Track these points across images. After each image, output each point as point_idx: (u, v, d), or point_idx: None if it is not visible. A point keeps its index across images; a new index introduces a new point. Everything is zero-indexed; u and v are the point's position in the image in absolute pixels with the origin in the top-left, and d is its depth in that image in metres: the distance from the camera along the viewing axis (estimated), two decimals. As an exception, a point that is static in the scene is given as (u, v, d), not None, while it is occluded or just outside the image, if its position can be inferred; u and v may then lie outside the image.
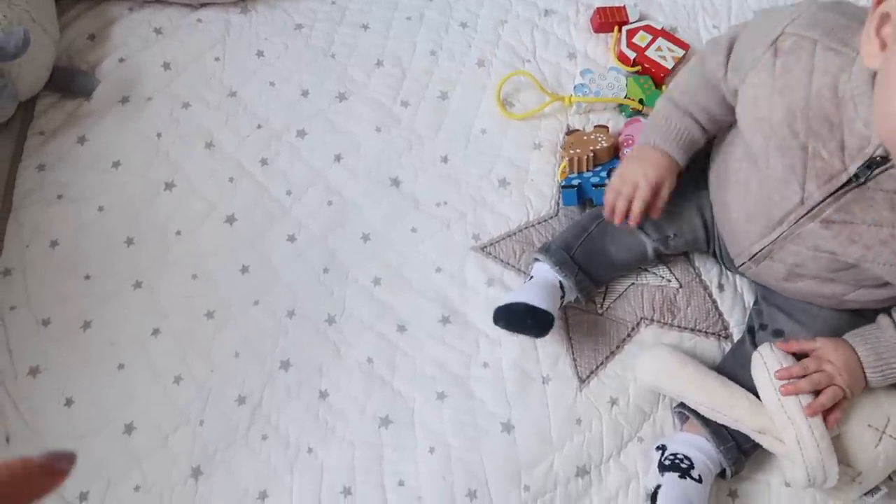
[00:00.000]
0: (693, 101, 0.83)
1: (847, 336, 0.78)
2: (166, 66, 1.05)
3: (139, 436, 0.85)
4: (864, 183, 0.64)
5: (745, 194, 0.77)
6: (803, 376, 0.76)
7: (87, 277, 0.92)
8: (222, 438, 0.86)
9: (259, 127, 1.02)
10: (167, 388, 0.88)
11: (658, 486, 0.81)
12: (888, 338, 0.75)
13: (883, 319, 0.77)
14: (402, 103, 1.05)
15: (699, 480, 0.80)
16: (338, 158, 1.01)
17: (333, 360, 0.90)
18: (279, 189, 0.99)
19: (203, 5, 1.09)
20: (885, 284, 0.73)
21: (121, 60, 1.04)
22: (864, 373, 0.76)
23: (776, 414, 0.77)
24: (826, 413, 0.76)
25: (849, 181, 0.65)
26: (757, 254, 0.78)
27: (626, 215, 0.84)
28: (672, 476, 0.81)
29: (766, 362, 0.79)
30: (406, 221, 0.98)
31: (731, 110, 0.79)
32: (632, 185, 0.83)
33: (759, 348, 0.81)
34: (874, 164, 0.63)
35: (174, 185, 0.98)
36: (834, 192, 0.66)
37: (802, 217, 0.70)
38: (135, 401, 0.87)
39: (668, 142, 0.84)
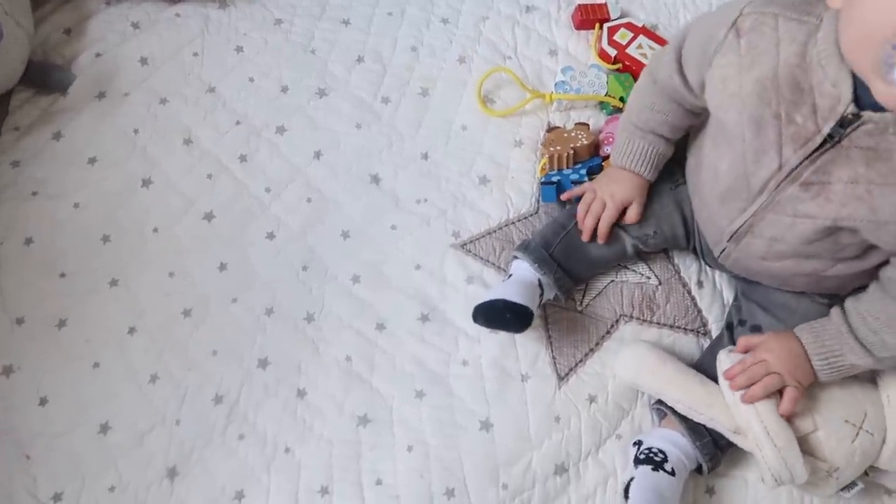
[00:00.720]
0: (651, 118, 0.85)
1: (796, 328, 0.79)
2: (144, 61, 1.03)
3: (115, 435, 0.84)
4: (839, 142, 0.66)
5: (717, 176, 0.78)
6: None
7: (63, 275, 0.91)
8: (199, 437, 0.85)
9: (238, 123, 1.01)
10: (143, 387, 0.87)
11: (631, 479, 0.82)
12: (834, 326, 0.77)
13: (834, 310, 0.78)
14: (382, 99, 1.05)
15: (672, 473, 0.81)
16: (317, 155, 1.00)
17: (312, 358, 0.90)
18: (258, 186, 0.98)
19: (181, 0, 1.08)
20: (861, 255, 0.74)
21: (97, 55, 1.03)
22: (811, 362, 0.77)
23: (736, 415, 0.78)
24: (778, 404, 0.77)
25: (824, 142, 0.66)
26: (738, 230, 0.79)
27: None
28: (645, 469, 0.82)
29: (721, 366, 0.79)
30: (386, 218, 0.98)
31: (691, 115, 0.83)
32: (601, 203, 0.89)
33: (719, 353, 0.82)
34: (846, 123, 0.65)
35: (151, 181, 0.97)
36: (810, 155, 0.68)
37: (782, 182, 0.71)
38: (110, 400, 0.86)
39: (635, 162, 0.88)
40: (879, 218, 0.66)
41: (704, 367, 0.86)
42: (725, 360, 0.81)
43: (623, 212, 0.90)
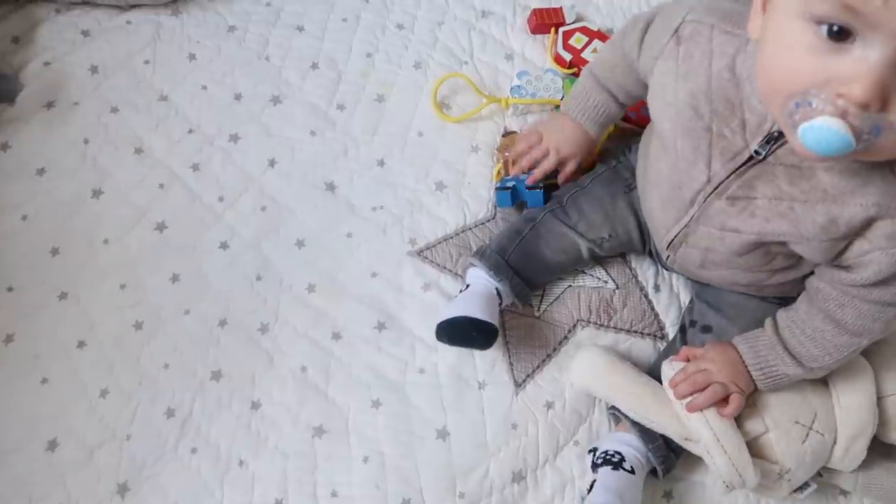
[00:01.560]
0: (612, 77, 0.86)
1: (734, 338, 0.80)
2: (94, 69, 1.02)
3: (63, 451, 0.83)
4: (765, 158, 0.66)
5: (659, 183, 0.78)
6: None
7: (10, 289, 0.89)
8: (150, 453, 0.84)
9: (190, 132, 1.00)
10: (93, 402, 0.85)
11: (593, 482, 0.82)
12: (767, 337, 0.77)
13: (768, 321, 0.78)
14: (337, 106, 1.04)
15: (631, 472, 0.81)
16: (272, 163, 0.99)
17: (266, 370, 0.89)
18: (211, 195, 0.97)
19: (132, 7, 1.06)
20: (795, 265, 0.74)
21: (46, 64, 1.01)
22: (749, 372, 0.77)
23: (685, 423, 0.78)
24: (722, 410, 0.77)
25: (750, 157, 0.67)
26: (674, 240, 0.79)
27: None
28: (605, 469, 0.82)
29: (665, 376, 0.80)
30: (341, 226, 0.97)
31: (646, 88, 0.81)
32: (542, 151, 0.93)
33: (663, 363, 0.82)
34: (772, 140, 0.64)
35: (102, 192, 0.95)
36: (737, 169, 0.68)
37: (710, 195, 0.71)
38: (59, 416, 0.84)
39: (585, 117, 0.90)
40: (801, 234, 0.66)
41: (658, 371, 0.86)
42: (669, 370, 0.81)
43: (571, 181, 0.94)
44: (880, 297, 0.67)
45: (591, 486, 0.82)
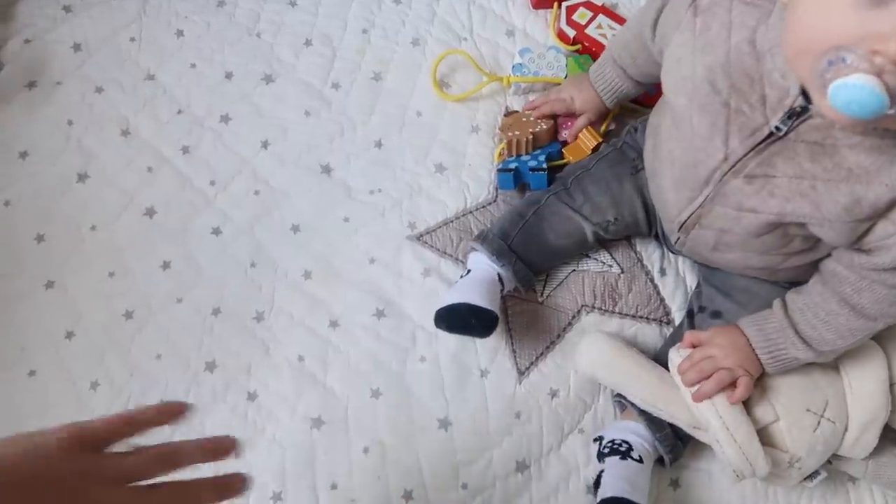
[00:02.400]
0: (628, 56, 0.86)
1: (739, 320, 0.78)
2: (77, 47, 0.98)
3: (53, 446, 0.80)
4: (786, 135, 0.63)
5: (672, 162, 0.76)
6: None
7: (-6, 278, 0.86)
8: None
9: (179, 112, 0.96)
10: (83, 395, 0.83)
11: (601, 472, 0.80)
12: (777, 319, 0.74)
13: (776, 302, 0.76)
14: (332, 85, 1.00)
15: (640, 461, 0.80)
16: (265, 145, 0.96)
17: (262, 359, 0.86)
18: (202, 178, 0.93)
19: (117, -19, 1.02)
20: (812, 248, 0.72)
21: (26, 41, 0.97)
22: (757, 355, 0.75)
23: (694, 411, 0.76)
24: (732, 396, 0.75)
25: (770, 134, 0.64)
26: (686, 221, 0.76)
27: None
28: (613, 459, 0.80)
29: (672, 363, 0.78)
30: (338, 210, 0.94)
31: (660, 67, 0.79)
32: (558, 97, 0.95)
33: (670, 350, 0.80)
34: (794, 116, 0.62)
35: (88, 175, 0.92)
36: (756, 146, 0.65)
37: (727, 173, 0.68)
38: (48, 409, 0.82)
39: (602, 86, 0.91)
40: (823, 215, 0.63)
41: (665, 357, 0.83)
42: (675, 357, 0.79)
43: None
44: None
45: (599, 477, 0.80)
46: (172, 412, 0.49)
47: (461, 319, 0.80)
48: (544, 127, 0.94)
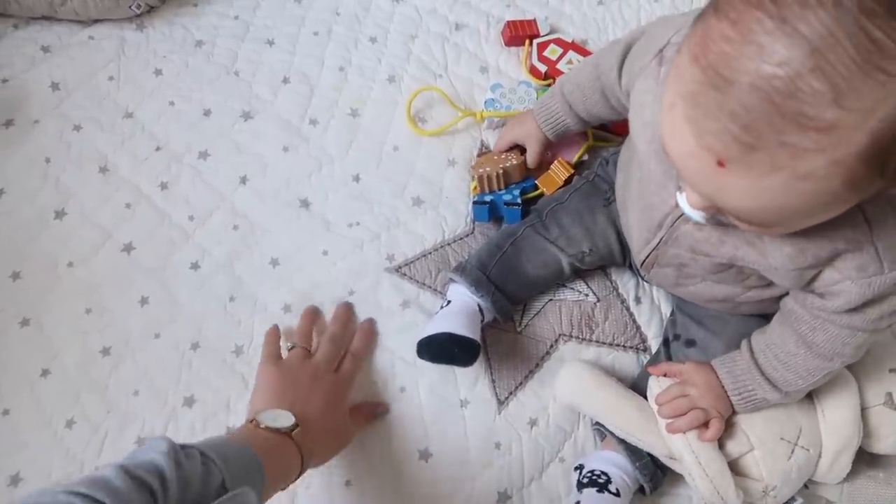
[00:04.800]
0: (579, 96, 0.87)
1: (713, 360, 0.79)
2: (55, 86, 0.98)
3: (27, 487, 0.79)
4: None
5: (636, 200, 0.77)
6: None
7: (-32, 316, 0.85)
8: (120, 484, 0.80)
9: (158, 149, 0.97)
10: (58, 433, 0.82)
11: (577, 503, 0.80)
12: (744, 361, 0.76)
13: (744, 343, 0.78)
14: (310, 121, 1.01)
15: (617, 495, 0.80)
16: (243, 180, 0.97)
17: (241, 394, 0.86)
18: (180, 214, 0.94)
19: (95, 22, 1.03)
20: (769, 284, 0.73)
21: (4, 81, 0.98)
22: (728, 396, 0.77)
23: (668, 442, 0.77)
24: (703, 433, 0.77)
25: None
26: (646, 260, 0.78)
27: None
28: (590, 491, 0.81)
29: (651, 393, 0.79)
30: (317, 244, 0.94)
31: (613, 111, 0.83)
32: (503, 133, 0.98)
33: (649, 380, 0.81)
34: None
35: (65, 213, 0.92)
36: None
37: (678, 220, 0.70)
38: (22, 449, 0.81)
39: (543, 118, 0.92)
40: (770, 263, 0.65)
41: (642, 385, 0.85)
42: (655, 387, 0.80)
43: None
44: (850, 322, 0.66)
45: None
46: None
47: (444, 349, 0.81)
48: (514, 162, 0.96)
